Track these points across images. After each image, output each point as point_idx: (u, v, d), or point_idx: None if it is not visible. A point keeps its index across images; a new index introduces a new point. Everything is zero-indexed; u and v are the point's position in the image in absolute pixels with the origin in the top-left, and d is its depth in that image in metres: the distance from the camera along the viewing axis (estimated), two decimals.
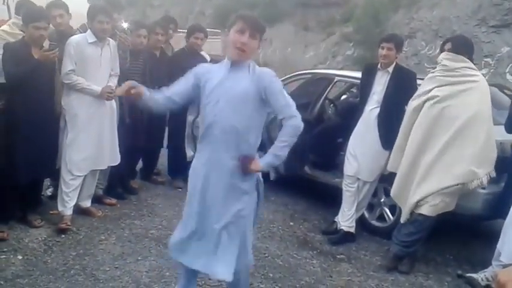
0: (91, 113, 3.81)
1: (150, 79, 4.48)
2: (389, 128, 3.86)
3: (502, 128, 3.66)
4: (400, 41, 4.14)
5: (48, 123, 3.66)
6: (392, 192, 3.69)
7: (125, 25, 4.30)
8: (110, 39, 3.93)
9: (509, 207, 3.23)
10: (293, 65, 18.02)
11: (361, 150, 4.00)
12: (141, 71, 4.45)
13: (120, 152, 4.09)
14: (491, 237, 3.64)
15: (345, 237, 4.04)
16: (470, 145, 3.33)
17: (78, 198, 3.90)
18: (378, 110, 3.94)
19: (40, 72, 3.47)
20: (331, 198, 4.44)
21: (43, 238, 3.56)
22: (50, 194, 4.24)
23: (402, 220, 3.60)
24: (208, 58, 5.20)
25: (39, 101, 3.54)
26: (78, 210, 3.98)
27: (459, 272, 3.62)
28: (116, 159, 4.07)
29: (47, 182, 4.23)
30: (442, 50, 3.67)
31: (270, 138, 4.70)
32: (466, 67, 3.49)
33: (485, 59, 13.19)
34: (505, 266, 2.86)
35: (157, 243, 3.68)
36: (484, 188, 3.73)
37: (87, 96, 3.77)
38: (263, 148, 4.94)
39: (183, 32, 5.75)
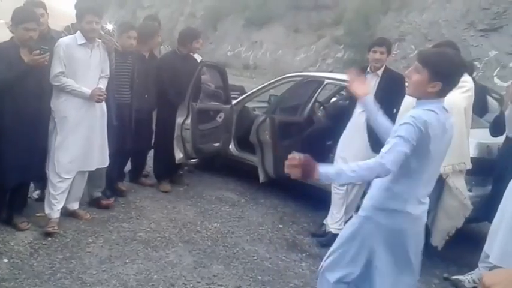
0: (80, 115, 3.77)
1: (138, 81, 4.46)
2: None
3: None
4: (390, 44, 4.18)
5: (36, 126, 3.62)
6: None
7: (110, 27, 4.25)
8: (99, 40, 3.90)
9: (496, 210, 3.26)
10: (284, 67, 18.10)
11: (350, 153, 4.00)
12: (130, 73, 4.42)
13: (109, 154, 4.06)
14: (478, 240, 3.67)
15: (334, 240, 4.02)
16: None
17: (65, 200, 3.86)
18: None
19: (28, 75, 3.44)
20: (320, 201, 4.44)
21: (29, 241, 3.51)
22: (37, 196, 4.19)
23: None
24: (199, 60, 5.19)
25: (28, 104, 3.50)
26: (66, 213, 3.93)
27: (445, 274, 3.65)
28: (104, 162, 4.04)
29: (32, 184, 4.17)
30: None
31: (259, 141, 4.72)
32: None
33: (474, 63, 13.32)
34: (491, 268, 2.89)
35: (146, 246, 3.65)
36: (471, 191, 3.77)
37: (77, 99, 3.73)
38: (252, 150, 4.97)
39: None
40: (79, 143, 3.80)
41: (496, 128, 3.62)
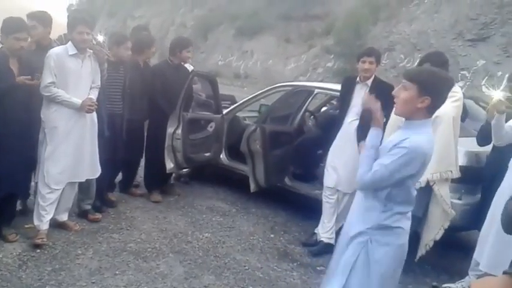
0: (71, 125, 3.75)
1: (131, 91, 4.45)
2: None
3: None
4: (379, 54, 4.22)
5: (26, 136, 3.60)
6: None
7: (100, 38, 4.26)
8: (91, 50, 3.89)
9: (485, 218, 3.29)
10: (274, 77, 18.20)
11: (340, 162, 4.03)
12: (122, 83, 4.41)
13: (99, 164, 4.03)
14: (469, 248, 3.70)
15: (325, 249, 4.04)
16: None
17: (55, 211, 3.83)
18: (357, 122, 3.98)
19: (17, 87, 3.42)
20: (311, 210, 4.45)
21: (18, 253, 3.47)
22: (20, 207, 4.12)
23: None
24: (190, 69, 5.20)
25: (17, 114, 3.48)
26: (55, 224, 3.89)
27: (434, 283, 3.67)
28: (95, 172, 4.01)
29: None
30: None
31: (250, 151, 4.72)
32: None
33: (462, 72, 13.51)
34: (480, 276, 2.91)
35: (136, 257, 3.62)
36: (460, 199, 3.80)
37: (67, 109, 3.71)
38: (243, 160, 4.96)
39: None
40: (69, 154, 3.78)
41: (483, 138, 3.66)
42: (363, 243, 2.32)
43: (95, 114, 3.89)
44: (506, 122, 3.37)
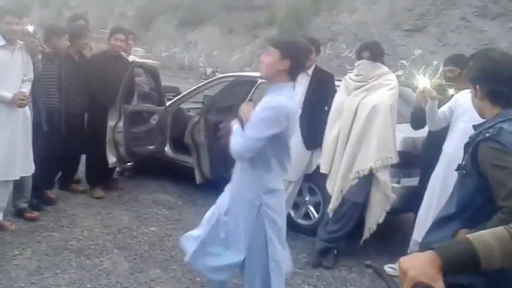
0: (2, 121, 3.57)
1: (67, 83, 4.29)
2: (311, 128, 3.97)
3: None
4: (318, 44, 4.29)
5: None
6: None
7: (31, 28, 4.09)
8: (22, 42, 3.70)
9: (422, 200, 3.45)
10: (219, 68, 18.07)
11: None
12: (57, 75, 4.23)
13: (36, 160, 3.86)
14: (408, 229, 3.85)
15: None
16: (371, 134, 3.59)
17: None
18: (299, 112, 4.02)
19: None
20: None
21: None
22: None
23: (329, 209, 3.73)
24: (130, 60, 5.06)
25: None
26: None
27: (367, 262, 3.80)
28: (29, 169, 3.83)
29: None
30: (359, 57, 3.80)
31: (194, 142, 4.67)
32: (384, 72, 3.71)
33: (401, 61, 14.03)
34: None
35: (78, 254, 3.50)
36: (399, 183, 3.95)
37: None
38: (188, 152, 4.90)
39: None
40: (1, 151, 3.59)
41: (415, 122, 3.80)
42: (257, 208, 2.48)
43: (27, 108, 3.71)
44: (438, 108, 3.52)
